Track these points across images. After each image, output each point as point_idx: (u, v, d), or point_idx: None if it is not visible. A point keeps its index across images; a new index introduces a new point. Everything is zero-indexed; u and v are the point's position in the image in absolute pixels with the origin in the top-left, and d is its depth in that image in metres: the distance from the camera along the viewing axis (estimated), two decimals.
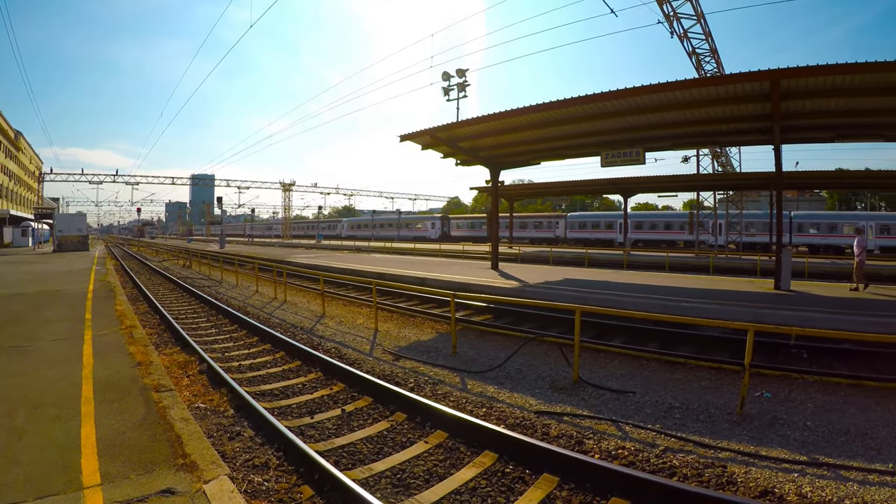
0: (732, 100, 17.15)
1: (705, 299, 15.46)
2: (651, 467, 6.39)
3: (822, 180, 43.27)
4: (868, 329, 12.02)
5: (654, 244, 55.56)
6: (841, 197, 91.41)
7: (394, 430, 7.52)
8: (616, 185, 41.93)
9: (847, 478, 6.16)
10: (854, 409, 8.41)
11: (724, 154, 43.26)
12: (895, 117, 17.78)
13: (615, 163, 21.63)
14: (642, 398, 8.98)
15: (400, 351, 12.21)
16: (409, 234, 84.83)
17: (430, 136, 21.82)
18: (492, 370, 10.55)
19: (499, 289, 18.19)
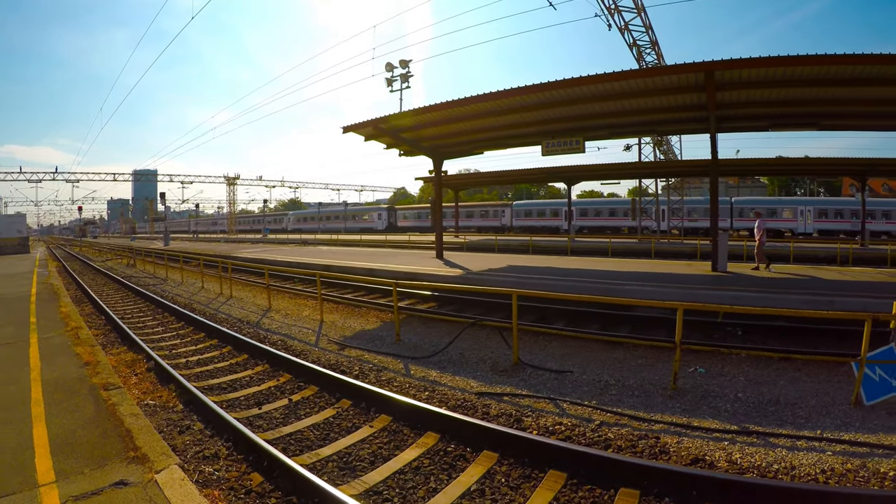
0: (670, 90, 17.64)
1: (645, 282, 15.84)
2: (587, 441, 6.59)
3: (762, 167, 45.01)
4: (796, 306, 12.54)
5: (598, 230, 56.42)
6: (781, 183, 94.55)
7: (339, 417, 7.61)
8: (560, 174, 42.46)
9: (776, 444, 6.43)
10: (784, 381, 8.79)
11: (665, 142, 44.23)
12: (828, 107, 18.62)
13: (555, 151, 21.96)
14: (580, 377, 9.22)
15: (345, 340, 12.24)
16: (355, 225, 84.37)
17: (372, 127, 21.72)
18: (435, 355, 10.69)
19: (443, 277, 18.26)
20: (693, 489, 5.25)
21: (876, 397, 7.68)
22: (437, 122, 21.41)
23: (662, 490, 5.31)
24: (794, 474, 5.69)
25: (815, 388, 8.45)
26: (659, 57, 32.29)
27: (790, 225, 51.52)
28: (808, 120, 20.15)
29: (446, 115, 20.37)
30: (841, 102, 18.05)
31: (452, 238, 45.65)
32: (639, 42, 31.02)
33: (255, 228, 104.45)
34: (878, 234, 46.38)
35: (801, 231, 50.56)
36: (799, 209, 52.21)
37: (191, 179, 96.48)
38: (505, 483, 5.64)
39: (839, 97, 17.52)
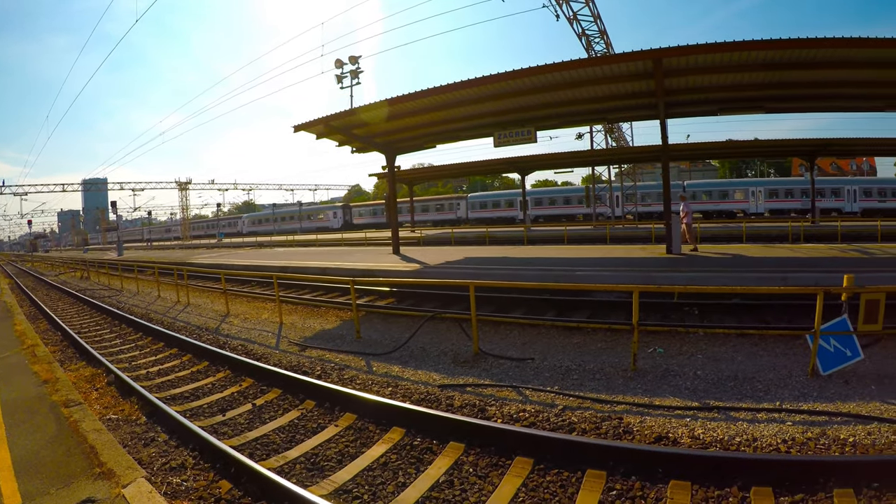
0: (620, 78, 17.89)
1: (601, 267, 16.05)
2: (551, 426, 6.65)
3: (712, 150, 46.02)
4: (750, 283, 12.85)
5: (554, 219, 56.97)
6: (732, 165, 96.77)
7: (304, 418, 7.54)
8: (513, 164, 42.76)
9: (737, 418, 6.60)
10: (742, 356, 9.02)
11: (617, 129, 44.87)
12: (774, 90, 19.06)
13: (507, 142, 22.07)
14: (541, 363, 9.30)
15: (306, 341, 12.12)
16: (311, 225, 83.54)
17: (324, 125, 21.47)
18: (396, 351, 10.66)
19: (400, 272, 18.20)
20: (658, 466, 5.35)
21: (831, 367, 7.94)
22: (389, 118, 21.28)
23: (628, 469, 5.39)
24: (756, 446, 5.84)
25: (773, 361, 8.70)
26: (608, 46, 32.74)
27: (742, 206, 53.08)
28: (755, 103, 20.67)
29: (398, 110, 20.27)
30: (787, 86, 18.52)
31: (409, 233, 45.61)
32: (587, 31, 31.38)
33: (210, 233, 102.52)
34: (828, 212, 48.35)
35: (753, 211, 52.08)
36: (750, 190, 53.75)
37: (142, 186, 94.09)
38: (473, 473, 5.66)
39: (785, 81, 17.98)
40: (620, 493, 5.07)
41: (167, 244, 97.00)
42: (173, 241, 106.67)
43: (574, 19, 30.22)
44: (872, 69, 16.30)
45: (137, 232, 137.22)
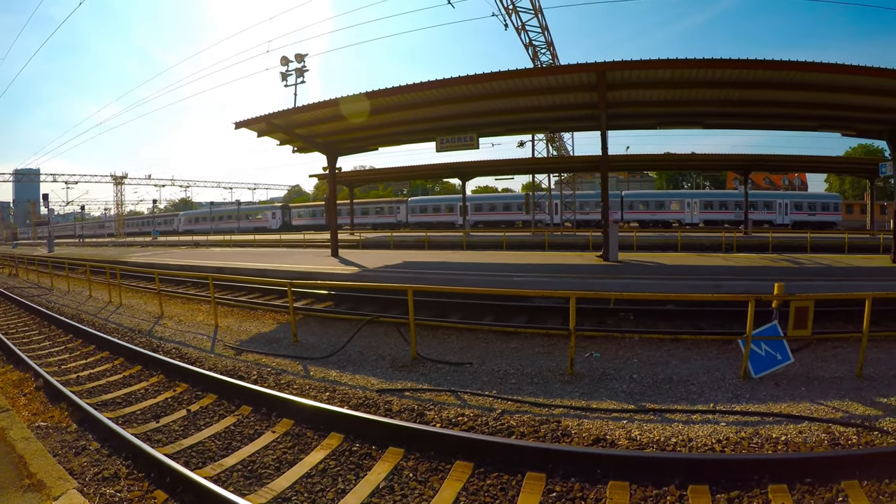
0: (564, 89, 18.32)
1: (539, 273, 16.26)
2: (490, 429, 6.65)
3: (650, 162, 47.76)
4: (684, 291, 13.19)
5: (493, 225, 57.46)
6: (669, 177, 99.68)
7: (241, 424, 7.32)
8: (455, 169, 43.03)
9: (672, 419, 6.79)
10: (676, 360, 9.33)
11: (558, 139, 45.56)
12: (712, 107, 19.92)
13: (450, 148, 22.19)
14: (479, 368, 9.32)
15: (242, 345, 11.83)
16: (249, 225, 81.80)
17: (265, 122, 21.13)
18: (333, 355, 10.51)
19: (338, 275, 18.02)
20: (597, 468, 5.42)
21: (763, 370, 8.31)
22: (332, 118, 21.12)
23: (567, 471, 5.44)
24: (692, 446, 6.00)
25: (706, 365, 9.05)
26: (554, 57, 33.19)
27: (678, 216, 54.89)
28: (693, 119, 21.54)
29: (340, 111, 20.07)
30: (724, 103, 19.30)
31: (348, 236, 45.21)
32: (535, 42, 31.69)
33: (145, 231, 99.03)
34: (761, 224, 50.62)
35: (688, 222, 53.88)
36: (686, 202, 55.78)
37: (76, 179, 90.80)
38: (413, 477, 5.61)
39: (722, 98, 18.75)
40: (560, 494, 5.10)
41: (100, 241, 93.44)
42: (107, 237, 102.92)
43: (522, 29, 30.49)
44: (805, 91, 17.23)
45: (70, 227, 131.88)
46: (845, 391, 7.72)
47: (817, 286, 13.31)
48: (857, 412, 6.94)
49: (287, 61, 34.85)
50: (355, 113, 20.32)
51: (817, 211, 54.39)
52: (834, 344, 10.07)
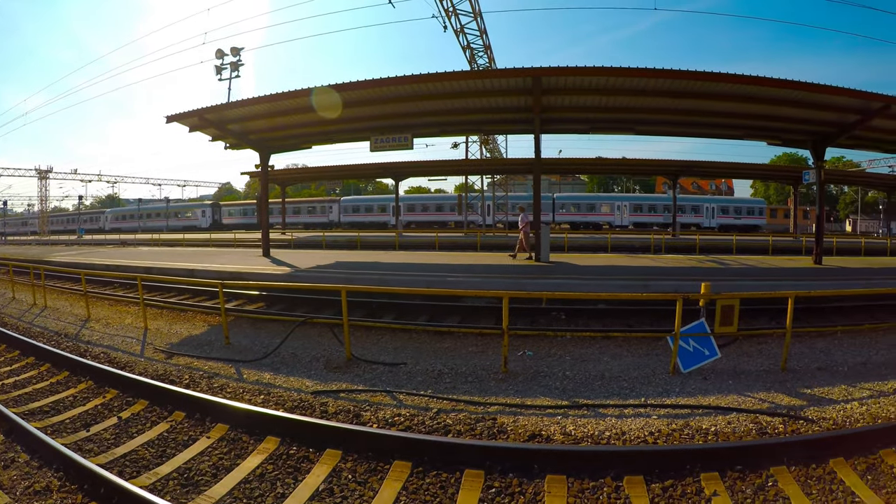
0: (500, 92, 18.58)
1: (471, 273, 16.38)
2: (427, 429, 6.67)
3: (582, 166, 48.89)
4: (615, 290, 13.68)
5: (426, 225, 57.60)
6: (600, 181, 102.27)
7: (174, 430, 7.09)
8: (388, 170, 42.98)
9: (605, 414, 6.99)
10: (608, 357, 9.63)
11: (492, 141, 46.01)
12: (643, 114, 20.53)
13: (383, 148, 22.11)
14: (414, 368, 9.34)
15: (172, 348, 11.46)
16: (178, 223, 79.33)
17: (198, 117, 20.54)
18: (267, 357, 10.32)
19: (270, 275, 17.72)
20: (534, 463, 5.52)
21: (691, 365, 8.68)
22: (265, 115, 20.78)
23: (505, 467, 5.52)
24: (625, 439, 6.20)
25: (637, 361, 9.40)
26: (491, 61, 33.44)
27: (608, 219, 56.53)
28: (625, 125, 22.10)
29: (274, 108, 19.83)
30: (655, 111, 20.02)
31: (279, 235, 44.49)
32: (473, 45, 31.82)
33: (70, 228, 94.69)
34: (688, 227, 52.69)
35: (619, 224, 55.43)
36: (616, 204, 57.48)
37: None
38: (352, 479, 5.58)
39: (653, 106, 19.46)
40: (499, 490, 5.18)
41: (23, 238, 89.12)
42: (30, 235, 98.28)
43: (461, 32, 30.57)
44: (734, 102, 18.05)
45: None
46: (771, 383, 8.18)
47: (743, 285, 14.03)
48: (783, 403, 7.37)
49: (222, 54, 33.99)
50: (289, 110, 20.06)
51: (743, 215, 57.58)
52: (759, 340, 10.64)
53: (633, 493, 5.08)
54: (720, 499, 5.01)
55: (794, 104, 17.85)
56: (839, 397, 7.63)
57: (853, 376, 8.65)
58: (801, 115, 19.04)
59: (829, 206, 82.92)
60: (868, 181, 58.93)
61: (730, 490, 5.15)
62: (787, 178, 51.61)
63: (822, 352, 10.01)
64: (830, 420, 6.74)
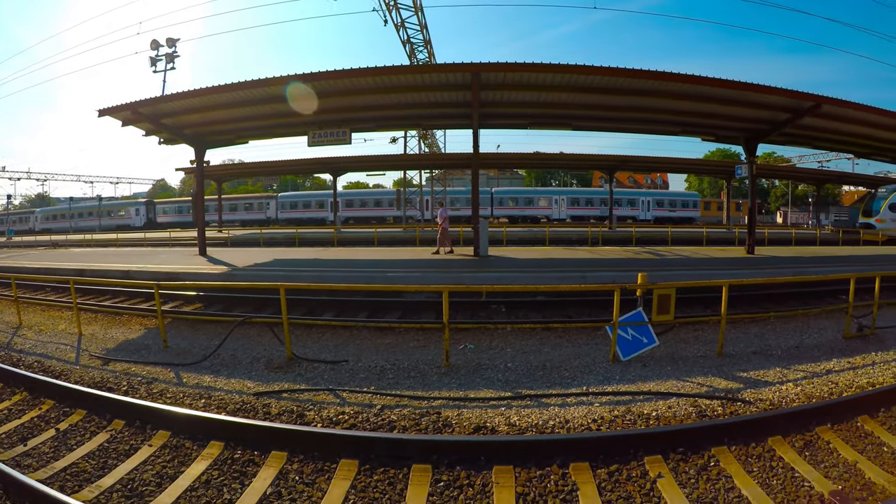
0: (439, 87, 18.60)
1: (411, 268, 16.40)
2: (372, 426, 6.65)
3: (520, 160, 49.56)
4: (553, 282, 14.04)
5: (365, 221, 57.31)
6: (538, 175, 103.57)
7: (115, 440, 6.84)
8: (326, 165, 42.65)
9: (548, 404, 7.11)
10: (549, 348, 9.85)
11: (430, 136, 46.08)
12: (581, 110, 20.93)
13: (322, 142, 21.85)
14: (356, 365, 9.30)
15: (109, 354, 11.06)
16: (111, 223, 76.53)
17: (131, 111, 19.84)
18: (206, 359, 10.07)
19: (207, 275, 17.31)
20: (480, 455, 5.59)
21: (630, 353, 8.96)
22: (202, 108, 20.24)
23: (452, 461, 5.57)
24: (569, 427, 6.32)
25: (577, 351, 9.64)
26: (430, 55, 33.44)
27: (546, 212, 57.28)
28: (563, 120, 22.47)
29: (211, 101, 19.34)
30: (592, 107, 20.43)
31: (216, 233, 43.58)
32: (413, 40, 31.75)
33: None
34: (624, 219, 54.39)
35: (556, 217, 56.38)
36: (554, 198, 58.37)
37: None
38: (300, 480, 5.52)
39: (590, 102, 19.88)
40: (448, 483, 5.22)
41: None
42: None
43: (402, 26, 30.43)
44: (670, 99, 18.63)
45: None
46: (708, 368, 8.51)
47: (678, 275, 14.44)
48: (721, 386, 7.66)
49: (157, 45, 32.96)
50: (225, 103, 19.64)
51: (678, 208, 59.46)
52: (696, 327, 11.03)
53: (580, 480, 5.19)
54: (665, 480, 5.18)
55: (728, 102, 18.59)
56: (774, 379, 7.99)
57: (787, 359, 9.09)
58: (734, 113, 19.87)
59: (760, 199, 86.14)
60: (798, 175, 62.08)
61: (674, 472, 5.34)
62: (720, 172, 53.69)
63: (757, 337, 10.50)
64: (767, 401, 7.05)
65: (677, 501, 4.88)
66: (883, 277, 11.28)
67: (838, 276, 12.95)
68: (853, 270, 13.92)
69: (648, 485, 5.12)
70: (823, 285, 14.56)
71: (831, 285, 14.44)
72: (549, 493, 5.04)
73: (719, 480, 5.20)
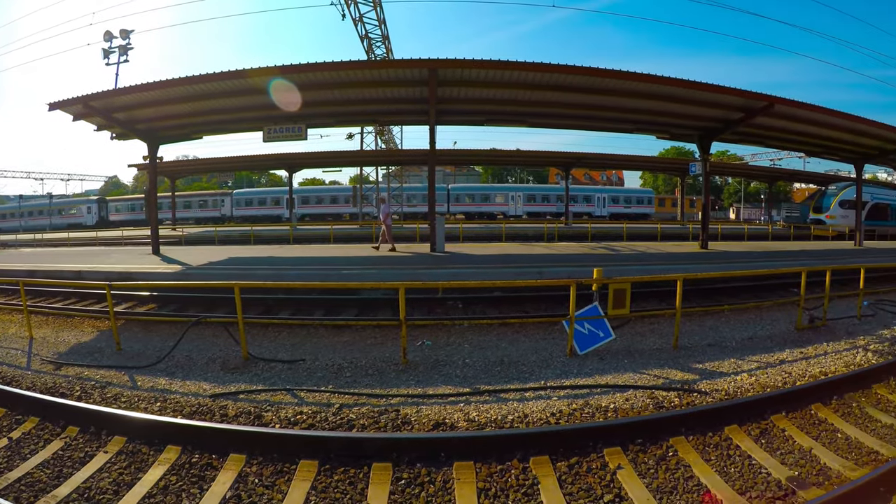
0: (396, 83, 18.59)
1: (367, 265, 16.32)
2: (331, 425, 6.59)
3: (477, 157, 49.76)
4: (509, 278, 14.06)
5: (321, 218, 56.73)
6: (495, 172, 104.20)
7: (70, 448, 6.62)
8: (282, 161, 42.29)
9: (507, 399, 7.15)
10: (506, 343, 9.92)
11: (387, 132, 45.92)
12: (538, 108, 21.14)
13: (277, 138, 21.62)
14: (313, 364, 9.22)
15: (61, 358, 10.71)
16: (63, 221, 74.31)
17: (83, 104, 19.27)
18: (161, 361, 9.84)
19: (161, 274, 16.96)
20: (441, 451, 5.60)
21: (587, 347, 9.11)
22: (156, 102, 19.79)
23: (412, 458, 5.56)
24: (528, 421, 6.38)
25: (535, 346, 9.73)
26: (388, 51, 33.37)
27: (502, 209, 57.84)
28: (519, 117, 22.72)
29: (165, 95, 18.90)
30: (548, 104, 20.64)
31: (170, 231, 42.72)
32: (371, 35, 31.64)
33: None
34: (580, 215, 55.32)
35: (513, 214, 56.88)
36: (510, 195, 58.94)
37: None
38: (259, 483, 5.43)
39: (546, 100, 20.05)
40: (409, 481, 5.21)
41: None
42: None
43: (360, 21, 30.32)
44: (625, 97, 19.01)
45: None
46: (664, 361, 8.68)
47: (634, 270, 14.68)
48: (677, 378, 7.83)
49: (111, 36, 32.09)
50: (179, 98, 19.24)
51: (633, 204, 60.88)
52: (651, 320, 11.24)
53: (541, 473, 5.24)
54: (624, 471, 5.25)
55: (683, 101, 19.02)
56: (729, 370, 8.21)
57: (741, 350, 9.36)
58: (689, 112, 20.34)
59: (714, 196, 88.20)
60: (751, 173, 63.91)
61: (633, 462, 5.43)
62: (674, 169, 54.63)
63: (712, 329, 10.75)
64: (723, 391, 7.25)
65: (637, 492, 4.95)
66: (833, 271, 11.71)
67: (790, 270, 13.40)
68: (804, 264, 14.41)
69: (608, 476, 5.19)
70: (776, 279, 14.99)
71: (783, 279, 14.92)
72: (510, 488, 5.06)
73: (678, 470, 5.30)
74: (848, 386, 7.41)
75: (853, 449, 5.79)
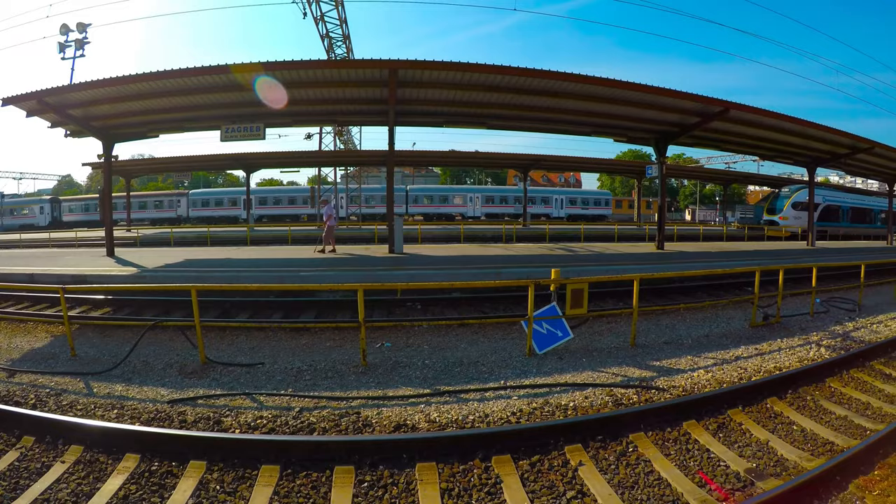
0: (356, 83, 18.53)
1: (325, 267, 16.26)
2: (291, 429, 6.54)
3: (436, 158, 49.89)
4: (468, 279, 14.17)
5: (278, 219, 56.25)
6: (454, 173, 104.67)
7: (26, 458, 6.39)
8: (239, 161, 41.75)
9: (467, 399, 7.20)
10: (465, 344, 9.97)
11: (346, 132, 45.72)
12: (496, 109, 21.26)
13: (235, 137, 21.34)
14: (272, 367, 9.13)
15: (14, 365, 10.38)
16: (14, 222, 72.01)
17: (37, 100, 18.70)
18: (117, 367, 9.61)
19: (115, 277, 16.60)
20: (403, 453, 5.61)
21: (546, 347, 9.23)
22: (112, 99, 19.31)
23: (375, 460, 5.56)
24: (489, 421, 6.44)
25: (494, 346, 9.82)
26: (349, 51, 33.28)
27: (461, 210, 58.02)
28: (478, 119, 22.84)
29: (121, 92, 18.47)
30: (507, 106, 20.80)
31: (125, 232, 41.84)
32: (332, 34, 31.50)
33: None
34: (538, 217, 55.63)
35: (471, 215, 57.06)
36: (469, 196, 59.14)
37: None
38: (221, 489, 5.35)
39: (505, 102, 20.24)
40: (372, 483, 5.21)
41: None
42: None
43: (321, 20, 30.18)
44: (582, 100, 19.26)
45: None
46: (622, 359, 8.85)
47: (591, 270, 14.87)
48: (635, 375, 8.00)
49: (67, 30, 31.15)
50: (135, 95, 18.84)
51: (590, 205, 61.78)
52: (609, 319, 11.42)
53: (503, 472, 5.29)
54: (586, 468, 5.34)
55: (640, 105, 19.41)
56: (686, 367, 8.42)
57: (697, 348, 9.60)
58: (646, 116, 20.76)
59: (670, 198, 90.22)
60: (706, 176, 65.27)
61: (594, 459, 5.53)
62: (631, 171, 55.60)
63: (668, 327, 10.98)
64: (680, 388, 7.43)
65: (599, 487, 5.03)
66: (787, 270, 12.09)
67: (744, 270, 13.70)
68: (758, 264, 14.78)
69: (570, 473, 5.27)
70: (731, 278, 15.38)
71: (738, 278, 15.33)
72: (473, 487, 5.10)
73: (639, 465, 5.42)
74: (802, 380, 7.69)
75: (809, 440, 6.01)
